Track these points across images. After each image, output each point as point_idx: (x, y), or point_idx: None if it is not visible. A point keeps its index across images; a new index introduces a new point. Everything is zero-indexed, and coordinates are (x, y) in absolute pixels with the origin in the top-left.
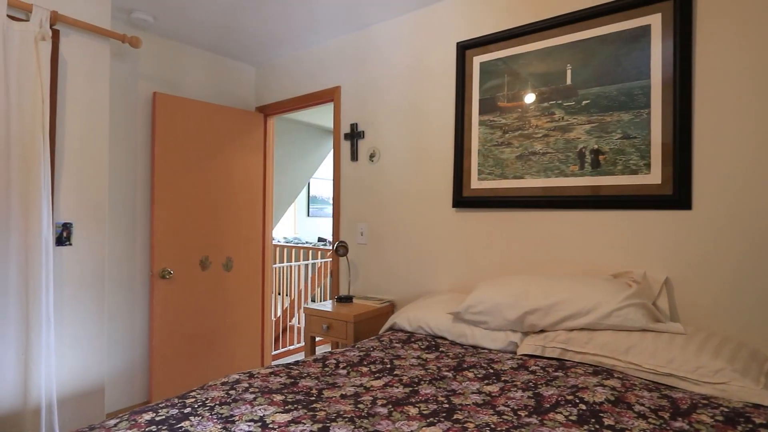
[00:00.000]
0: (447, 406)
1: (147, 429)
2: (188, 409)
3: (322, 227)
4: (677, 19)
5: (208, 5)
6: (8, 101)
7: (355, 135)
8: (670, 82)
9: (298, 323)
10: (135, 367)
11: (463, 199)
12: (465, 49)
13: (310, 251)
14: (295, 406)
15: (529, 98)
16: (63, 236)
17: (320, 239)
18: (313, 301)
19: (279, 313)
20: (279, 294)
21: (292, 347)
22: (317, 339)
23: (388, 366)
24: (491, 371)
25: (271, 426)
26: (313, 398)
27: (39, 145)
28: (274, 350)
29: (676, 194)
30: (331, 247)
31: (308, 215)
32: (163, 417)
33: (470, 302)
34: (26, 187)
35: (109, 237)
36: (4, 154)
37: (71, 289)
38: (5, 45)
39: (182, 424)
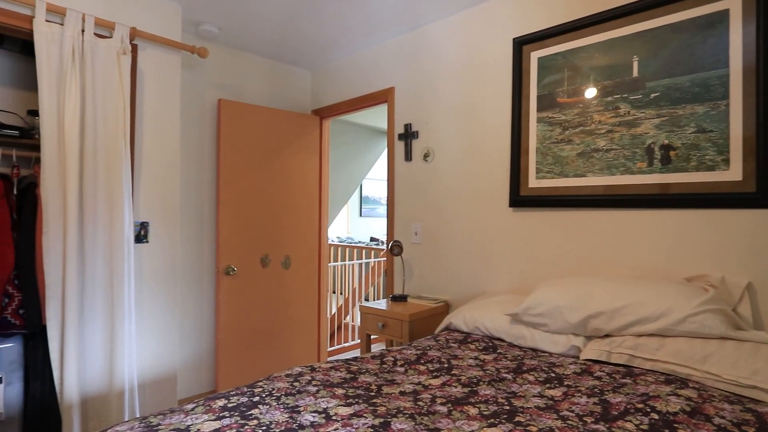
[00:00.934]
0: (508, 407)
1: (221, 414)
2: (257, 398)
3: (375, 227)
4: (761, 1)
5: (269, 14)
6: (95, 111)
7: (409, 135)
8: (753, 70)
9: (353, 321)
10: (202, 358)
11: (521, 199)
12: (522, 44)
13: (364, 251)
14: (356, 400)
15: (591, 93)
16: (141, 234)
17: (372, 239)
18: (366, 299)
19: (334, 310)
20: (333, 292)
21: (346, 344)
22: (371, 337)
23: (446, 365)
24: (553, 375)
25: (334, 418)
26: (373, 393)
27: (122, 151)
28: (330, 347)
29: (760, 191)
30: (384, 247)
31: (360, 215)
32: (235, 404)
33: (529, 304)
34: (111, 190)
35: (180, 235)
36: (92, 160)
37: (148, 283)
38: (93, 60)
39: (252, 411)
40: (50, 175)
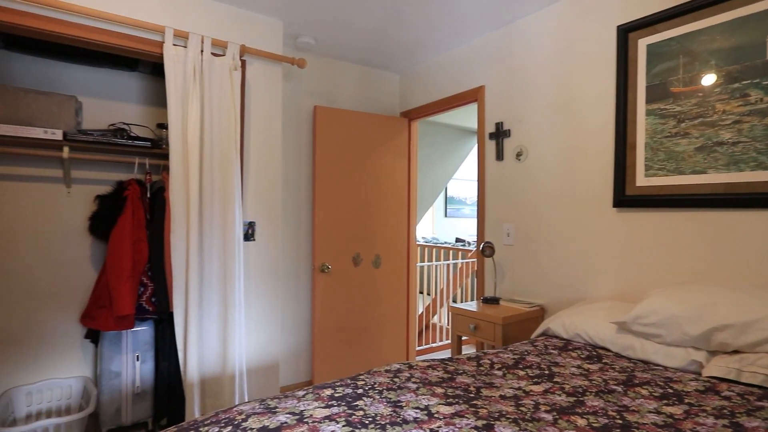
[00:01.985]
0: (620, 422)
1: (329, 402)
2: (360, 390)
3: (460, 227)
4: None
5: (361, 23)
6: (212, 123)
7: (500, 134)
8: None
9: (440, 322)
10: (300, 349)
11: (626, 198)
12: (627, 32)
13: (450, 251)
14: (456, 400)
15: (713, 80)
16: (249, 233)
17: (458, 239)
18: (454, 301)
19: (421, 310)
20: (420, 292)
21: (434, 344)
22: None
23: (546, 372)
24: (670, 391)
25: (436, 416)
26: (473, 395)
27: (234, 158)
28: (417, 346)
29: None
30: (470, 248)
31: (446, 215)
32: (341, 394)
33: (640, 312)
34: (224, 193)
35: (281, 234)
36: (209, 167)
37: (254, 278)
38: (210, 77)
39: (357, 402)
40: (176, 180)
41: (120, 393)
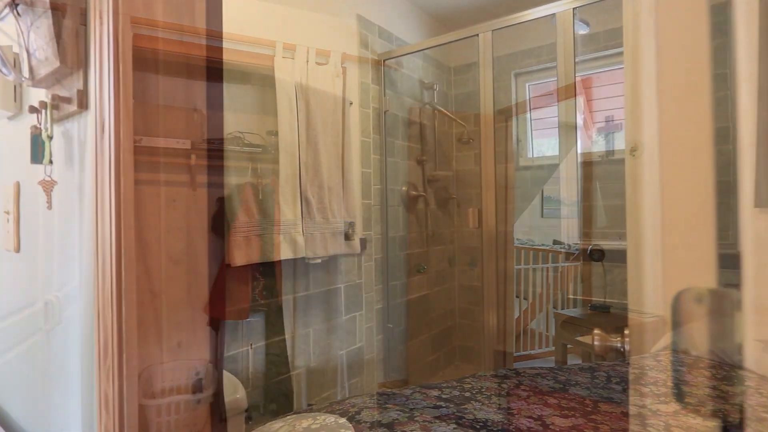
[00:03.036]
0: None
1: (437, 403)
2: (467, 394)
3: (557, 229)
4: None
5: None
6: (317, 130)
7: (610, 128)
8: None
9: (538, 328)
10: (394, 348)
11: None
12: None
13: (550, 254)
14: (572, 412)
15: None
16: (348, 233)
17: (555, 242)
18: (554, 307)
19: (517, 314)
20: (516, 296)
21: (533, 351)
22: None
23: (675, 391)
24: None
25: (551, 427)
26: (589, 409)
27: (336, 162)
28: (515, 352)
29: None
30: (571, 251)
31: (542, 216)
32: (448, 396)
33: None
34: (328, 196)
35: (379, 234)
36: (313, 171)
37: (353, 276)
38: (315, 85)
39: (466, 406)
40: (284, 184)
41: (236, 377)
